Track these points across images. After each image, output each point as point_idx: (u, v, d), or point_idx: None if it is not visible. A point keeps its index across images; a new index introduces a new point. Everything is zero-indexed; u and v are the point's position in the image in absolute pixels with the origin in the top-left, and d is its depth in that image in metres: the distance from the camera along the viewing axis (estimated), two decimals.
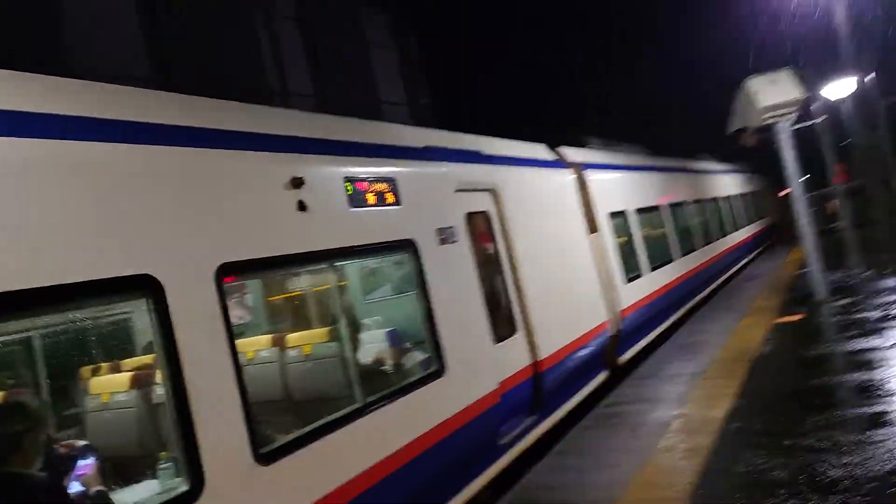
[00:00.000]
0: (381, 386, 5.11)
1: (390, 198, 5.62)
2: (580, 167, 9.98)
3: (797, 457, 5.25)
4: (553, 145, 9.99)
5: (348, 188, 5.17)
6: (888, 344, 8.04)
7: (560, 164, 9.59)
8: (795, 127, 11.98)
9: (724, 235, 18.79)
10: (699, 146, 23.65)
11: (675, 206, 14.42)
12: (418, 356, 5.84)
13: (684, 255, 13.97)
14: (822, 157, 15.30)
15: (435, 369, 5.57)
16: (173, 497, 3.19)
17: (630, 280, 10.49)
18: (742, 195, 23.99)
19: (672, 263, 13.02)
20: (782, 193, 33.37)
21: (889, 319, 9.31)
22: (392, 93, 20.97)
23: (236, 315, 4.75)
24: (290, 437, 4.09)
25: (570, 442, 6.89)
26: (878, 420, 5.69)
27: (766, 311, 11.86)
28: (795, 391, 7.03)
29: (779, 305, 12.15)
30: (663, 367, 9.23)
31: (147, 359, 4.34)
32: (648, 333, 11.11)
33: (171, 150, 3.92)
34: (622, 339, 9.80)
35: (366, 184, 5.37)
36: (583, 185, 9.84)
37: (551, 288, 7.95)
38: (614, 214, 10.64)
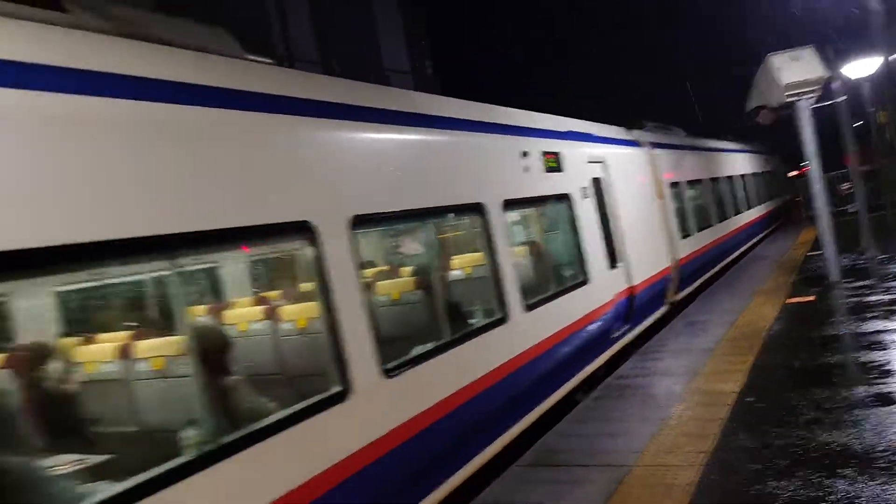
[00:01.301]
0: (556, 286, 7.82)
1: (559, 166, 8.25)
2: (649, 146, 12.37)
3: (810, 430, 5.31)
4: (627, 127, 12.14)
5: (542, 157, 7.84)
6: None
7: (636, 143, 11.91)
8: (815, 106, 11.84)
9: (749, 208, 21.43)
10: (712, 123, 23.51)
11: (712, 181, 17.04)
12: (572, 270, 8.37)
13: (719, 222, 16.69)
14: (836, 138, 15.19)
15: (583, 279, 8.28)
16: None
17: (683, 237, 13.08)
18: (762, 174, 25.99)
19: (710, 228, 15.66)
20: (793, 174, 33.46)
21: None
22: (396, 61, 20.66)
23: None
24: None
25: (582, 411, 6.97)
26: (890, 398, 5.75)
27: (778, 290, 11.87)
28: (807, 369, 7.08)
29: (790, 286, 12.15)
30: (673, 343, 9.29)
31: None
32: (694, 282, 13.69)
33: (470, 137, 6.61)
34: (678, 281, 12.33)
35: (549, 156, 8.04)
36: (652, 161, 12.25)
37: (637, 236, 10.37)
38: (672, 185, 13.20)
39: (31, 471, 3.17)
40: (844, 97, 13.50)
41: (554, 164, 8.13)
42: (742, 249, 18.96)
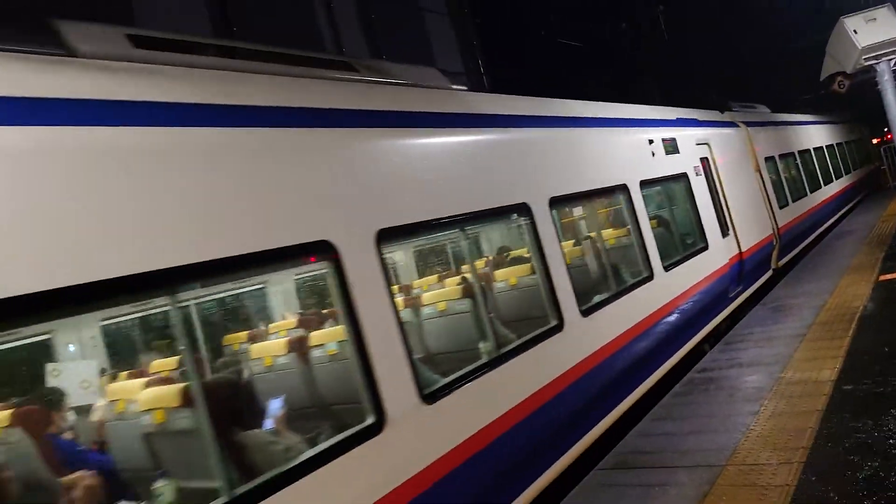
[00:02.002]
0: (683, 251, 9.05)
1: (676, 150, 9.55)
2: (743, 125, 13.42)
3: None
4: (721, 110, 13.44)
5: (662, 143, 9.17)
6: None
7: (734, 124, 13.05)
8: None
9: (837, 178, 21.67)
10: (785, 97, 22.47)
11: (803, 153, 17.71)
12: (694, 238, 9.57)
13: (811, 192, 17.38)
14: None
15: (703, 246, 9.49)
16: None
17: (781, 207, 13.89)
18: (846, 143, 25.70)
19: (804, 198, 16.43)
20: (877, 141, 31.74)
21: None
22: (449, 62, 20.47)
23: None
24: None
25: (664, 408, 6.66)
26: None
27: (868, 268, 11.10)
28: None
29: (881, 261, 11.35)
30: (759, 330, 8.80)
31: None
32: (793, 249, 14.47)
33: (613, 131, 8.29)
34: (780, 248, 13.27)
35: (667, 141, 9.34)
36: (747, 138, 13.22)
37: (741, 208, 11.46)
38: (767, 159, 14.10)
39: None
40: None
41: (671, 148, 9.49)
42: (833, 220, 19.28)
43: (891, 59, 10.49)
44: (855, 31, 10.05)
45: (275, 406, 4.15)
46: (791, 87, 26.12)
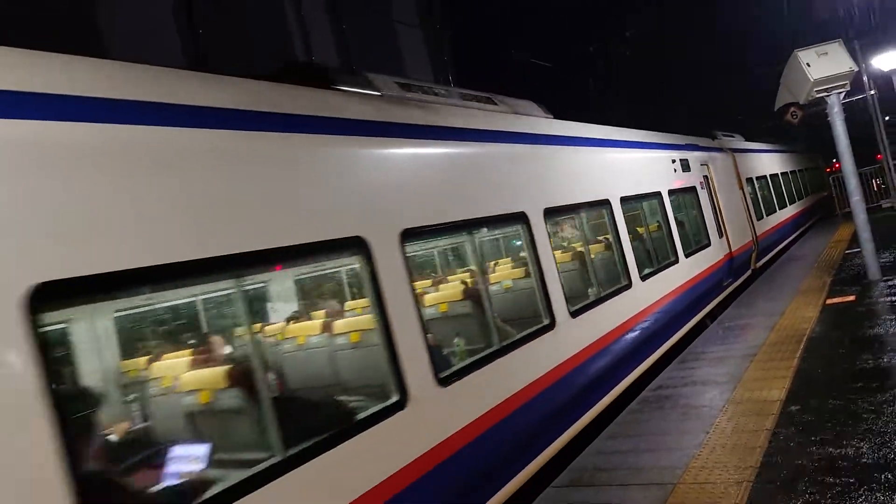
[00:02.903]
0: (695, 244, 11.83)
1: (688, 168, 12.33)
2: (731, 151, 16.37)
3: (863, 438, 5.05)
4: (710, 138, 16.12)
5: (680, 163, 12.01)
6: None
7: (723, 149, 15.85)
8: (845, 101, 11.49)
9: (797, 200, 24.88)
10: (735, 125, 23.28)
11: (773, 177, 20.85)
12: (700, 236, 12.33)
13: (780, 209, 20.68)
14: (870, 133, 14.76)
15: (706, 243, 12.29)
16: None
17: (758, 219, 16.97)
18: (804, 170, 28.96)
19: (776, 213, 19.78)
20: (828, 170, 32.94)
21: None
22: (419, 72, 20.62)
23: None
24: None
25: (619, 426, 6.75)
26: None
27: (816, 291, 11.49)
28: (853, 372, 6.75)
29: (829, 286, 11.76)
30: (710, 350, 9.02)
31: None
32: (767, 255, 17.46)
33: (652, 152, 11.18)
34: (758, 252, 16.14)
35: (682, 161, 12.17)
36: (733, 162, 16.11)
37: (731, 216, 14.26)
38: (747, 180, 17.00)
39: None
40: (873, 92, 13.10)
41: (685, 167, 12.29)
42: (791, 238, 21.76)
43: (840, 93, 10.93)
44: (808, 65, 10.45)
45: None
46: (751, 114, 27.03)
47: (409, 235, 4.89)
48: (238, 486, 3.28)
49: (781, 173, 22.42)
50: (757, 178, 18.35)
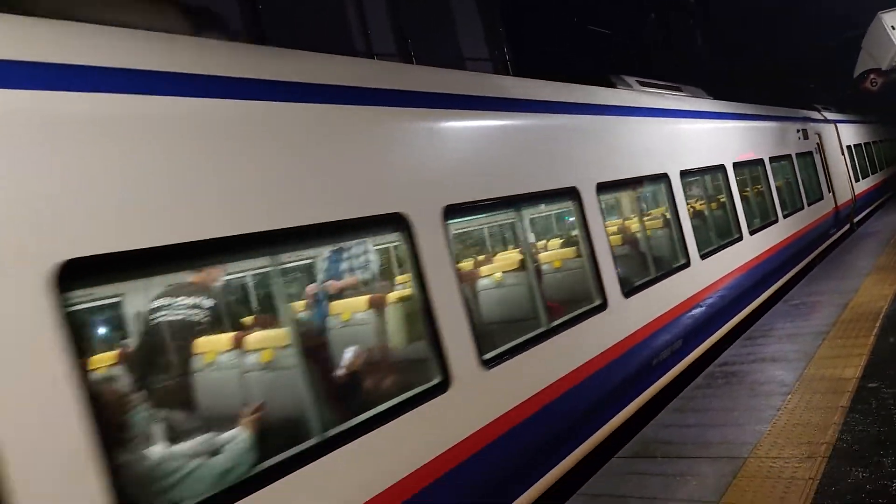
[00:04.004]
0: (814, 197, 14.92)
1: (807, 137, 15.22)
2: (833, 122, 19.00)
3: None
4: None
5: (802, 132, 15.04)
6: None
7: (828, 121, 18.59)
8: None
9: (885, 167, 27.44)
10: (807, 92, 22.36)
11: (865, 145, 23.55)
12: (815, 192, 15.11)
13: (871, 174, 23.58)
14: None
15: (821, 196, 15.38)
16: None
17: (857, 180, 20.06)
18: (886, 140, 30.83)
19: (869, 177, 22.76)
20: None
21: None
22: (475, 49, 20.32)
23: None
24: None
25: (684, 400, 6.66)
26: None
27: (892, 269, 10.99)
28: None
29: None
30: (779, 327, 8.76)
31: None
32: (863, 211, 20.37)
33: (786, 123, 14.68)
34: (855, 209, 19.12)
35: (801, 131, 14.89)
36: (836, 131, 18.93)
37: (836, 176, 17.32)
38: (847, 147, 19.83)
39: None
40: None
41: (805, 135, 15.33)
42: (875, 205, 23.44)
43: None
44: (893, 27, 9.87)
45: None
46: (824, 82, 25.87)
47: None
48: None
49: (873, 142, 25.56)
50: (854, 146, 21.27)
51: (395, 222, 4.34)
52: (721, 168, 9.99)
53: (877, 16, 10.09)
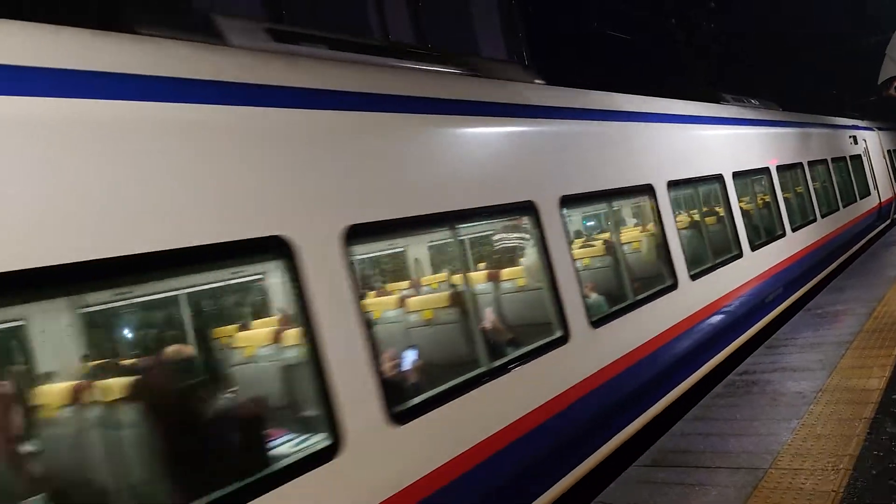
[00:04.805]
0: (864, 193, 18.33)
1: (856, 141, 18.65)
2: (875, 129, 22.03)
3: None
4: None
5: (853, 138, 18.62)
6: None
7: (871, 128, 21.50)
8: None
9: None
10: (830, 99, 22.19)
11: None
12: (863, 189, 18.21)
13: None
14: None
15: (867, 193, 18.62)
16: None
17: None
18: None
19: None
20: None
21: None
22: (494, 48, 20.29)
23: None
24: None
25: (704, 409, 6.57)
26: None
27: None
28: None
29: None
30: (801, 336, 8.62)
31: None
32: None
33: (839, 131, 18.22)
34: (893, 207, 21.66)
35: (852, 137, 18.51)
36: (878, 138, 21.96)
37: (879, 177, 20.14)
38: (888, 151, 23.03)
39: None
40: None
41: (855, 141, 18.38)
42: None
43: None
44: None
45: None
46: (847, 88, 25.66)
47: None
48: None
49: None
50: (893, 150, 24.39)
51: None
52: (799, 165, 13.48)
53: None
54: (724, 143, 10.13)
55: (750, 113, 12.01)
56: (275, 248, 3.55)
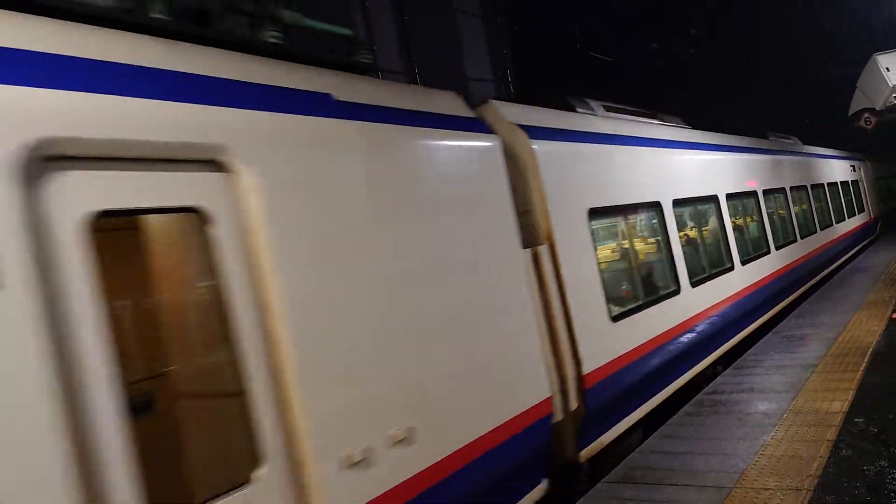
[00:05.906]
0: (856, 212, 21.77)
1: (854, 170, 23.34)
2: (862, 161, 25.30)
3: None
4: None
5: (851, 166, 22.88)
6: None
7: (861, 159, 25.31)
8: None
9: (886, 200, 33.73)
10: (802, 129, 22.79)
11: (878, 179, 30.41)
12: (855, 207, 21.90)
13: (884, 201, 30.72)
14: None
15: (859, 210, 22.41)
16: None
17: (879, 203, 26.96)
18: (888, 177, 38.33)
19: (883, 203, 29.64)
20: None
21: None
22: (479, 69, 20.53)
23: None
24: None
25: (673, 427, 6.70)
26: None
27: (882, 305, 11.10)
28: None
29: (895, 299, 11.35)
30: (768, 358, 8.83)
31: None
32: (877, 225, 26.29)
33: (844, 161, 22.50)
34: (879, 224, 25.94)
35: (853, 166, 23.25)
36: (865, 168, 25.57)
37: (870, 197, 25.40)
38: (875, 179, 27.95)
39: None
40: None
41: (854, 169, 22.59)
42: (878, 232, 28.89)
43: None
44: (887, 69, 10.08)
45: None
46: (817, 119, 26.37)
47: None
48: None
49: (883, 177, 33.30)
50: (876, 178, 28.77)
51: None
52: (821, 185, 17.05)
53: (872, 57, 10.30)
54: (759, 169, 12.74)
55: (779, 145, 15.08)
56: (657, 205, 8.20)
